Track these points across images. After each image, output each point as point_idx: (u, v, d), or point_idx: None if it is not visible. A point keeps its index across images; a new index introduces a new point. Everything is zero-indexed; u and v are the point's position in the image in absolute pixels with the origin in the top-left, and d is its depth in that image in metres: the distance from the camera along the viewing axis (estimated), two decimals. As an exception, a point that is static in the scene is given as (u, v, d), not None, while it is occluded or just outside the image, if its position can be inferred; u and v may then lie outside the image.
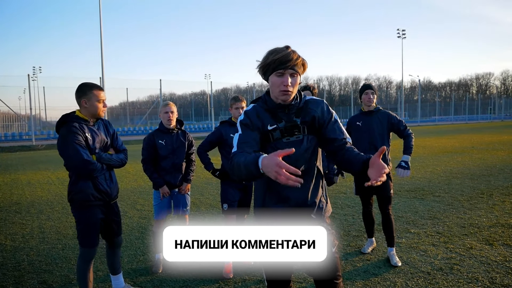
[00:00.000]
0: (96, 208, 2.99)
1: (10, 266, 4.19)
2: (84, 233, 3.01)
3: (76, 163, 2.80)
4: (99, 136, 2.99)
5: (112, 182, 3.09)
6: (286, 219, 2.01)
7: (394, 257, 3.95)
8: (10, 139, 32.36)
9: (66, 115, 2.94)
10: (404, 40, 57.21)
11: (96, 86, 2.97)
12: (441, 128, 36.50)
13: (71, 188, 2.96)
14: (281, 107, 2.01)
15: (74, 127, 2.84)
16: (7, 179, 10.72)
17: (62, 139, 2.84)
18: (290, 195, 2.01)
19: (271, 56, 1.92)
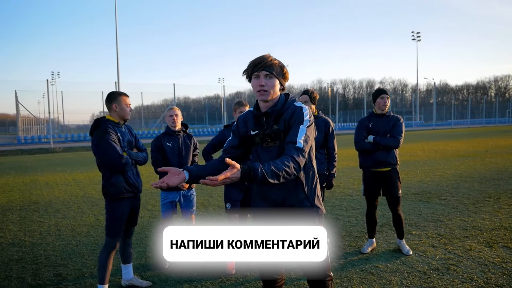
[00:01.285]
0: (126, 201, 3.38)
1: (29, 260, 4.46)
2: (113, 224, 3.36)
3: (113, 157, 3.21)
4: (127, 136, 3.44)
5: (138, 177, 3.51)
6: (270, 217, 2.18)
7: (405, 246, 4.30)
8: (29, 142, 33.38)
9: (98, 119, 3.38)
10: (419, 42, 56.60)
11: (124, 93, 3.46)
12: (456, 132, 35.96)
13: (105, 183, 3.34)
14: (264, 114, 2.16)
15: (108, 127, 3.29)
16: (26, 180, 11.16)
17: (98, 139, 3.24)
18: (269, 195, 2.19)
19: (249, 63, 2.13)
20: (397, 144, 4.21)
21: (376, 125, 4.32)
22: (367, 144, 4.29)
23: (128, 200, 3.40)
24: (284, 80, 2.17)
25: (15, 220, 6.39)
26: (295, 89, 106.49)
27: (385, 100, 4.27)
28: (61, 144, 28.49)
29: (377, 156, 4.26)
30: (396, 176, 4.32)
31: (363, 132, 4.36)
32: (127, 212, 3.41)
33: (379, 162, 4.26)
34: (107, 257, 3.34)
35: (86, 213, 6.70)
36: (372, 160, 4.29)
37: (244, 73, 2.17)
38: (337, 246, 4.59)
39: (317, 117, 4.37)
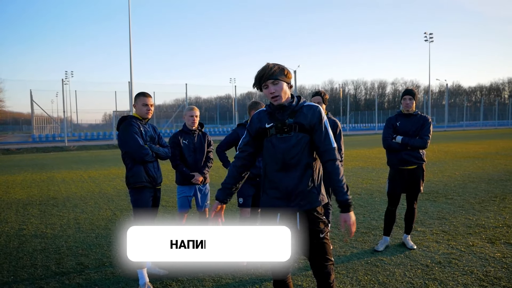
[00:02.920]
0: (147, 190, 3.69)
1: (52, 250, 4.75)
2: (139, 211, 3.67)
3: (135, 148, 3.56)
4: (150, 132, 3.79)
5: (158, 170, 3.82)
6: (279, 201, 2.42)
7: (409, 241, 4.49)
8: (44, 140, 34.13)
9: (125, 116, 3.78)
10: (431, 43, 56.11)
11: (142, 94, 3.75)
12: (468, 134, 35.67)
13: (128, 173, 3.71)
14: (278, 108, 2.44)
15: (132, 121, 3.67)
16: (43, 177, 11.56)
17: (123, 131, 3.63)
18: (280, 183, 2.40)
19: (256, 77, 2.43)
20: (425, 145, 4.33)
21: (403, 124, 4.45)
22: (394, 144, 4.42)
23: (149, 190, 3.69)
24: (289, 79, 2.45)
25: (36, 214, 6.72)
26: (306, 90, 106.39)
27: (407, 101, 4.41)
28: (75, 143, 29.10)
29: (402, 154, 4.38)
30: (421, 174, 4.44)
31: (390, 131, 4.51)
32: (150, 200, 3.70)
33: (405, 161, 4.38)
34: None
35: (103, 208, 7.00)
36: (398, 159, 4.41)
37: (254, 86, 2.47)
38: (344, 241, 4.78)
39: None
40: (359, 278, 3.66)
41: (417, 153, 4.39)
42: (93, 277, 3.90)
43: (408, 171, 4.41)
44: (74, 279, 3.85)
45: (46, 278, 3.91)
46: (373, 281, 3.59)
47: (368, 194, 7.62)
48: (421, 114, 4.51)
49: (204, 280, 3.74)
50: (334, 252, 4.40)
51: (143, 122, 3.75)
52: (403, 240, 4.57)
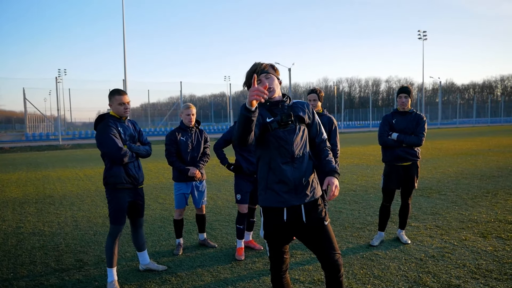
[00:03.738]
0: (126, 191, 3.60)
1: (50, 247, 4.78)
2: (114, 212, 3.59)
3: (112, 150, 3.44)
4: (129, 130, 3.66)
5: (140, 170, 3.71)
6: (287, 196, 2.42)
7: (404, 236, 4.58)
8: (38, 139, 33.92)
9: (102, 114, 3.64)
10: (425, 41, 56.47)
11: (117, 92, 3.59)
12: (461, 131, 36.02)
13: (106, 173, 3.58)
14: (275, 104, 2.48)
15: (110, 122, 3.54)
16: (38, 175, 11.53)
17: (100, 132, 3.50)
18: (288, 176, 2.41)
19: (247, 74, 2.49)
20: (420, 142, 4.41)
21: (399, 122, 4.51)
22: (390, 140, 4.48)
23: (129, 191, 3.60)
24: (278, 75, 2.55)
25: (33, 212, 6.72)
26: (301, 88, 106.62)
27: (403, 99, 4.47)
28: (69, 141, 28.96)
29: (398, 151, 4.46)
30: (415, 170, 4.51)
31: (386, 128, 4.57)
32: (127, 202, 3.61)
33: (400, 157, 4.45)
34: (112, 243, 3.60)
35: (100, 206, 7.02)
36: (394, 155, 4.48)
37: (245, 85, 2.48)
38: (340, 236, 4.86)
39: (322, 115, 4.63)
40: (355, 272, 3.74)
41: (412, 150, 4.47)
42: (92, 273, 3.94)
43: (403, 168, 4.49)
44: (74, 276, 3.89)
45: (46, 274, 3.94)
46: (369, 274, 3.67)
47: (363, 191, 7.72)
48: (416, 112, 4.59)
49: (203, 275, 3.80)
50: (330, 247, 4.48)
51: (121, 120, 3.62)
52: (397, 235, 4.66)
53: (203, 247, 4.61)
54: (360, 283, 3.48)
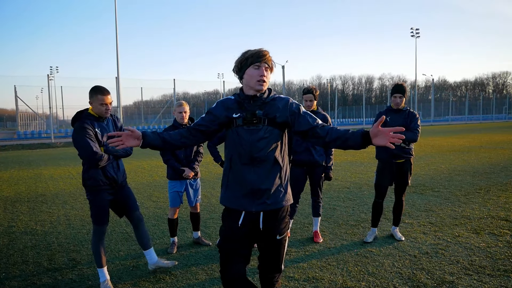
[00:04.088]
0: (105, 192, 3.50)
1: (43, 246, 4.73)
2: (96, 213, 3.52)
3: (87, 154, 3.31)
4: (107, 130, 3.49)
5: (119, 170, 3.57)
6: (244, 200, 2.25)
7: (398, 233, 4.60)
8: (29, 137, 33.55)
9: (80, 112, 3.46)
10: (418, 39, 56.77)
11: (100, 91, 3.39)
12: (454, 128, 36.32)
13: (84, 175, 3.48)
14: (248, 98, 2.27)
15: (86, 123, 3.36)
16: (31, 174, 11.40)
17: (75, 133, 3.35)
18: (247, 178, 2.22)
19: (248, 53, 2.24)
20: (415, 137, 4.39)
21: (393, 119, 4.50)
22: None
23: (108, 192, 3.50)
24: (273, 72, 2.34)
25: (25, 211, 6.65)
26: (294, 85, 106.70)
27: (397, 100, 4.45)
28: (61, 139, 28.69)
29: (393, 149, 4.44)
30: (409, 167, 4.52)
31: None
32: (107, 202, 3.51)
33: (394, 155, 4.46)
34: (97, 243, 3.53)
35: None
36: (388, 152, 4.48)
37: (242, 62, 2.25)
38: (334, 233, 4.87)
39: (317, 113, 4.62)
40: (349, 269, 3.75)
41: (407, 148, 4.48)
42: (85, 273, 3.90)
43: (396, 165, 4.50)
44: (67, 275, 3.85)
45: (38, 274, 3.90)
46: (363, 271, 3.68)
47: (357, 188, 7.74)
48: (410, 110, 4.58)
49: (197, 273, 3.78)
50: (324, 244, 4.49)
51: (100, 119, 3.47)
52: (391, 232, 4.68)
53: (197, 245, 4.59)
54: (354, 280, 3.49)
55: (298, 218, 5.62)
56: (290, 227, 4.85)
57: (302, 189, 4.68)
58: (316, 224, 4.71)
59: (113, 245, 4.69)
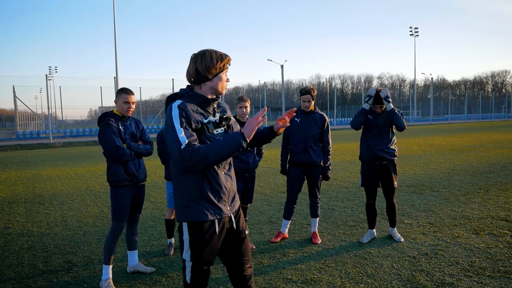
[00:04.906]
0: (127, 188, 3.62)
1: (39, 248, 4.68)
2: (116, 209, 3.61)
3: (110, 148, 3.49)
4: (130, 129, 3.69)
5: (140, 168, 3.72)
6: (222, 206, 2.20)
7: (396, 234, 4.55)
8: (28, 137, 33.44)
9: (105, 112, 3.69)
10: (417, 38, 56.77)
11: (124, 91, 3.65)
12: (453, 127, 36.30)
13: (107, 171, 3.66)
14: (210, 101, 2.20)
15: (110, 120, 3.58)
16: (28, 174, 11.35)
17: (101, 130, 3.57)
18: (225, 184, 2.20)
19: (225, 58, 2.20)
20: (404, 126, 4.40)
21: (376, 118, 4.48)
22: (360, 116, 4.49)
23: (129, 188, 3.63)
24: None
25: (22, 212, 6.60)
26: (293, 84, 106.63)
27: (378, 109, 4.46)
28: (60, 139, 28.62)
29: (375, 150, 4.43)
30: (393, 169, 4.50)
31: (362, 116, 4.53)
32: (129, 198, 3.64)
33: (378, 156, 4.44)
34: (112, 240, 3.60)
35: (91, 205, 6.92)
36: (370, 154, 4.47)
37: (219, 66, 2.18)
38: (333, 234, 4.83)
39: (314, 112, 4.58)
40: (348, 270, 3.71)
41: (389, 149, 4.46)
42: (81, 275, 3.86)
43: (380, 166, 4.47)
44: (62, 277, 3.81)
45: (33, 276, 3.85)
46: (362, 273, 3.64)
47: (356, 188, 7.70)
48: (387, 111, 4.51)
49: (195, 275, 3.73)
50: (322, 245, 4.44)
51: (124, 118, 3.68)
52: (390, 233, 4.64)
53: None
54: (353, 282, 3.45)
55: (297, 218, 5.58)
56: (288, 227, 4.82)
57: (299, 189, 4.64)
58: (314, 225, 4.66)
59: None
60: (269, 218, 5.70)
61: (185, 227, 2.17)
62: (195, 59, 2.18)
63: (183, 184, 2.16)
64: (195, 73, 2.18)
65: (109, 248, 3.58)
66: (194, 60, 2.18)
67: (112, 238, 3.60)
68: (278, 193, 7.42)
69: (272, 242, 4.58)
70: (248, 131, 2.05)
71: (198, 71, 2.16)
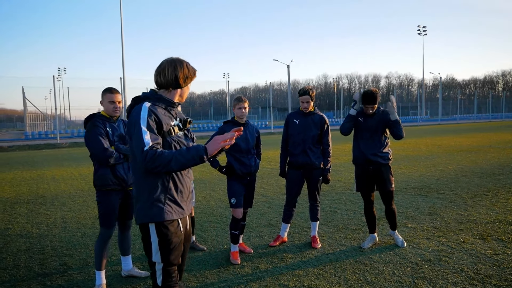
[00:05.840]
0: (115, 194, 3.48)
1: (36, 250, 4.64)
2: (104, 215, 3.49)
3: (97, 150, 3.36)
4: (119, 131, 3.56)
5: (129, 171, 3.55)
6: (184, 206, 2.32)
7: (399, 237, 4.39)
8: (36, 137, 33.78)
9: (92, 114, 3.56)
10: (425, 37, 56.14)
11: (109, 90, 3.50)
12: (462, 127, 35.76)
13: (94, 175, 3.52)
14: (174, 106, 2.30)
15: (97, 122, 3.45)
16: (34, 174, 11.39)
17: (87, 132, 3.44)
18: (187, 183, 2.33)
19: (195, 72, 2.36)
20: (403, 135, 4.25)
21: (367, 121, 4.32)
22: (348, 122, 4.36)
23: (117, 193, 3.49)
24: None
25: (23, 212, 6.59)
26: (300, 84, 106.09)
27: (369, 110, 4.27)
28: (67, 140, 28.83)
29: (368, 155, 4.26)
30: (387, 172, 4.33)
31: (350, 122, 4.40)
32: (117, 204, 3.50)
33: (371, 161, 4.27)
34: (101, 246, 3.50)
35: (91, 206, 6.88)
36: (362, 158, 4.31)
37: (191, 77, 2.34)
38: (334, 238, 4.71)
39: (313, 113, 4.46)
40: (347, 277, 3.58)
41: (382, 152, 4.28)
42: (75, 278, 3.80)
43: (373, 170, 4.30)
44: (56, 281, 3.75)
45: (28, 279, 3.80)
46: (361, 280, 3.51)
47: (360, 190, 7.54)
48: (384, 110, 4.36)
49: (189, 280, 3.65)
50: (322, 250, 4.32)
51: (111, 120, 3.53)
52: (392, 236, 4.49)
53: (191, 250, 4.45)
54: (352, 290, 3.33)
55: (297, 221, 5.47)
56: (288, 231, 4.71)
57: (299, 192, 4.53)
58: (314, 228, 4.54)
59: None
60: (269, 221, 5.59)
61: (152, 228, 2.21)
62: (175, 66, 2.28)
63: (148, 185, 2.20)
64: (173, 79, 2.27)
65: (99, 254, 3.50)
66: (173, 67, 2.28)
67: (101, 244, 3.51)
68: (280, 195, 7.31)
69: (271, 246, 4.48)
70: (212, 148, 2.10)
71: (178, 78, 2.27)
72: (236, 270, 3.84)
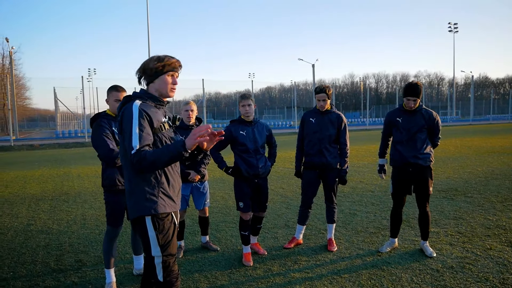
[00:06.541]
0: (122, 194, 3.43)
1: (54, 246, 4.73)
2: (110, 214, 3.49)
3: (103, 151, 3.32)
4: None
5: None
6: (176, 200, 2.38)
7: (428, 248, 4.07)
8: (67, 136, 35.00)
9: (98, 113, 3.51)
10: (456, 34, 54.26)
11: (114, 88, 3.46)
12: (495, 127, 34.23)
13: (102, 175, 3.51)
14: (162, 104, 2.35)
15: (103, 122, 3.40)
16: (60, 172, 11.74)
17: (93, 132, 3.41)
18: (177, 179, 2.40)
19: (166, 60, 2.28)
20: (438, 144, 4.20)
21: (406, 121, 4.07)
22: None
23: (123, 193, 3.40)
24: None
25: (46, 209, 6.76)
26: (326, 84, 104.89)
27: (411, 104, 3.99)
28: (95, 138, 29.60)
29: (407, 157, 4.02)
30: (428, 174, 4.08)
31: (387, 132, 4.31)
32: (123, 204, 3.43)
33: (409, 163, 4.04)
34: (109, 244, 3.51)
35: (111, 204, 6.97)
36: (402, 161, 4.07)
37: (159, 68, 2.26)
38: (351, 241, 4.54)
39: (330, 112, 4.32)
40: (362, 283, 3.43)
41: (424, 154, 4.03)
42: (88, 275, 3.83)
43: (413, 173, 4.05)
44: (70, 277, 3.79)
45: (43, 275, 3.86)
46: (377, 286, 3.35)
47: (382, 192, 7.30)
48: (427, 109, 4.08)
49: (199, 280, 3.60)
50: (338, 253, 4.17)
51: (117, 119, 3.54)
52: (421, 246, 4.19)
53: (204, 250, 4.41)
54: (366, 296, 3.18)
55: (314, 223, 5.33)
56: (303, 233, 4.59)
57: (315, 193, 4.40)
58: (331, 231, 4.39)
59: (121, 247, 4.60)
60: (286, 222, 5.48)
61: (148, 221, 2.23)
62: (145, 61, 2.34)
63: (141, 180, 2.24)
64: (142, 72, 2.32)
65: (107, 252, 3.51)
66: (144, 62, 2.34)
67: (107, 242, 3.51)
68: (298, 196, 7.11)
69: (285, 248, 4.37)
70: (189, 142, 2.08)
71: (145, 69, 2.30)
72: (248, 272, 3.76)
